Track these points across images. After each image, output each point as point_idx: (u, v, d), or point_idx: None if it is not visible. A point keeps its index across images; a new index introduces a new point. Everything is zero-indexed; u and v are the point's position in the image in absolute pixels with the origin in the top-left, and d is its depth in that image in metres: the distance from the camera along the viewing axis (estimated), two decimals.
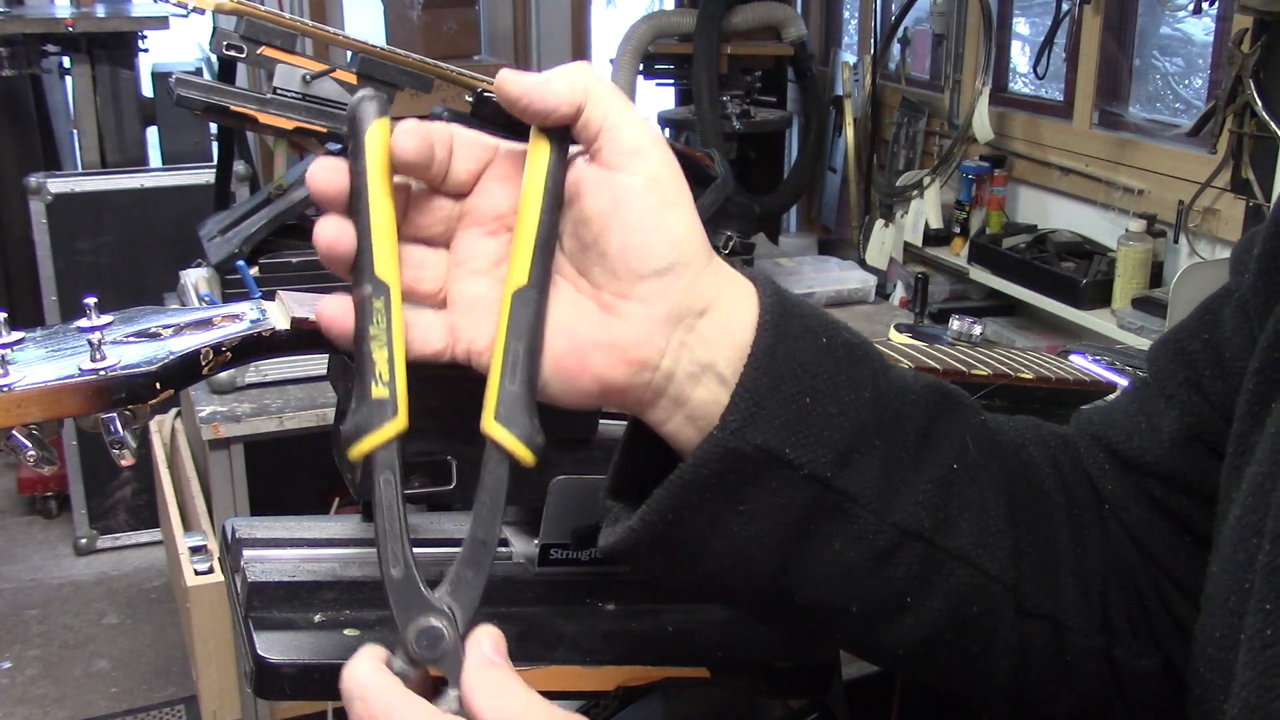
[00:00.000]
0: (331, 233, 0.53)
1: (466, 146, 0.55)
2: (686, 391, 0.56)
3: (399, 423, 0.52)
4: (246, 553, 0.73)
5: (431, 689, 0.51)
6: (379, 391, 0.52)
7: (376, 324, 0.52)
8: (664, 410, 0.56)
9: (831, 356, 0.57)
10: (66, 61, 3.47)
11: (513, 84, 0.53)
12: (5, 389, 0.57)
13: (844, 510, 0.57)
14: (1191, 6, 2.72)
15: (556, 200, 0.54)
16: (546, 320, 0.54)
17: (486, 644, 0.50)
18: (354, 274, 0.53)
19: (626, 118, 0.54)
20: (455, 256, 0.56)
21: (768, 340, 0.56)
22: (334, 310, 0.53)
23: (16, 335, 0.62)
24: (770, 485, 0.55)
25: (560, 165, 0.54)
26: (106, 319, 0.64)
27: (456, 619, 0.51)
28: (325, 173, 0.53)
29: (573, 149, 0.55)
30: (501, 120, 0.57)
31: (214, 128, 2.93)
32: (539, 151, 0.54)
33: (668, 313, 0.54)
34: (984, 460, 0.62)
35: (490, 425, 0.52)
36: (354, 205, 0.53)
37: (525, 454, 0.52)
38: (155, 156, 3.64)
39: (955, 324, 1.20)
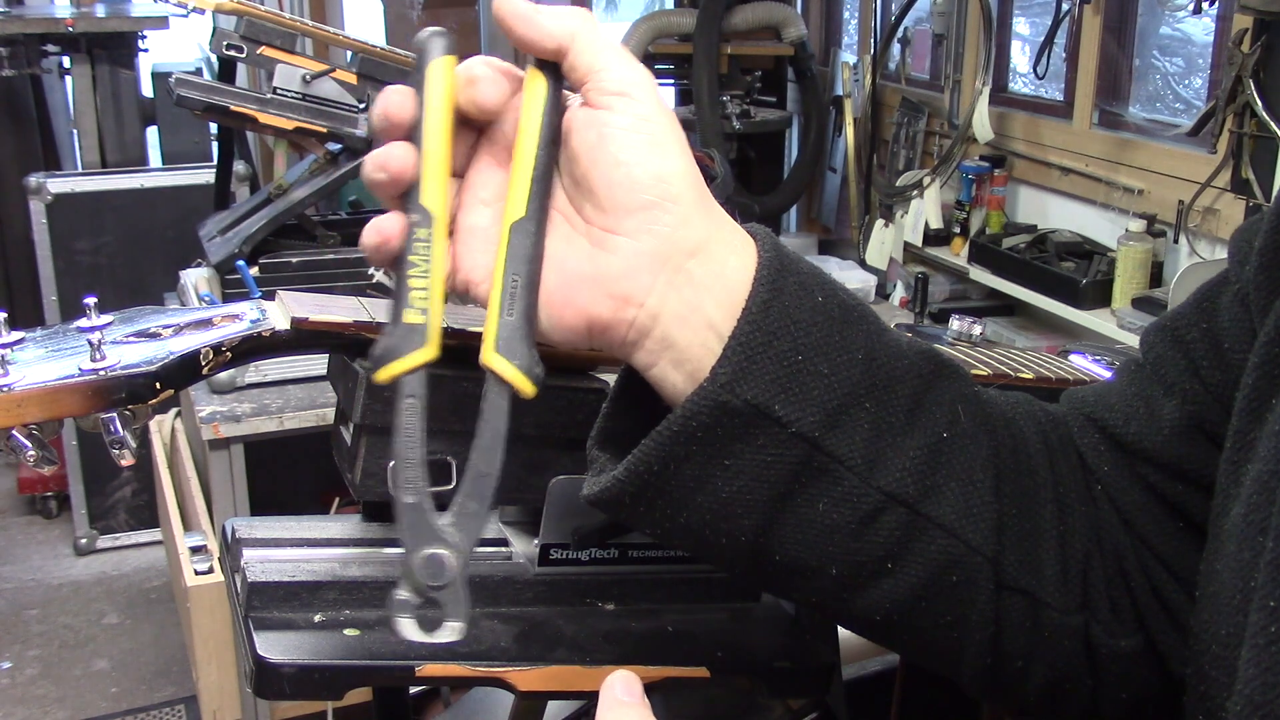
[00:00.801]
0: (398, 158, 0.54)
1: (496, 78, 0.56)
2: (673, 333, 0.56)
3: (430, 350, 0.52)
4: (246, 553, 0.73)
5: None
6: (413, 317, 0.52)
7: (418, 252, 0.53)
8: (650, 353, 0.56)
9: (826, 316, 0.57)
10: (66, 61, 3.47)
11: (508, 6, 0.54)
12: (5, 389, 0.57)
13: (830, 471, 0.57)
14: (1191, 6, 2.71)
15: (554, 134, 0.55)
16: (544, 252, 0.55)
17: (619, 687, 0.50)
18: (403, 200, 0.54)
19: (613, 61, 0.55)
20: (468, 185, 0.57)
21: (763, 294, 0.56)
22: (388, 227, 0.54)
23: (16, 335, 0.62)
24: (757, 442, 0.55)
25: (556, 100, 0.55)
26: (106, 319, 0.64)
27: (461, 548, 0.51)
28: (397, 98, 0.55)
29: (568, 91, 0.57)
30: None
31: (214, 128, 2.93)
32: (535, 85, 0.55)
33: (654, 249, 0.55)
34: (974, 431, 0.62)
35: (489, 356, 0.52)
36: (410, 136, 0.54)
37: (525, 384, 0.53)
38: (155, 156, 3.65)
39: (955, 324, 1.20)
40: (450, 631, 0.51)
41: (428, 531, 0.51)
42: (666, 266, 0.55)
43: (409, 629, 0.51)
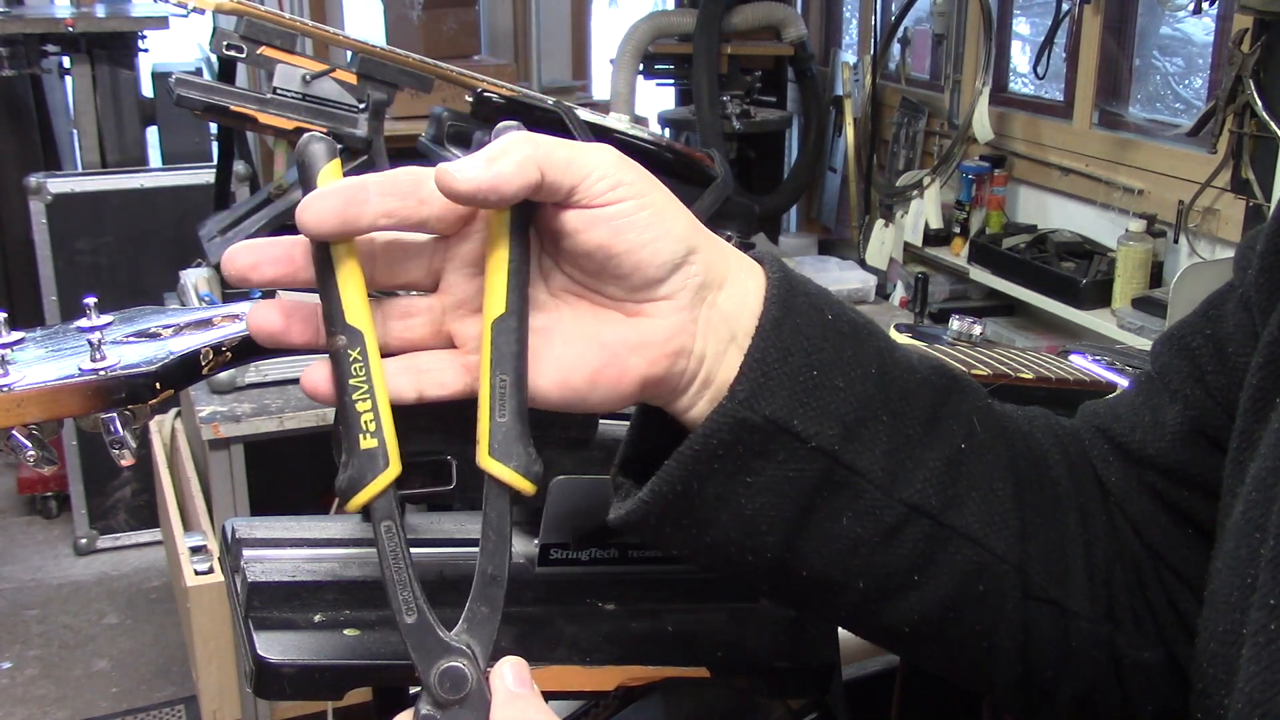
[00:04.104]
0: (263, 317, 0.53)
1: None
2: (714, 370, 0.56)
3: (392, 471, 0.51)
4: (246, 553, 0.73)
5: None
6: (368, 443, 0.51)
7: (356, 374, 0.51)
8: (694, 395, 0.57)
9: (837, 332, 0.58)
10: (66, 61, 3.47)
11: (462, 182, 0.50)
12: (5, 389, 0.57)
13: (851, 485, 0.57)
14: (1191, 6, 2.72)
15: (524, 225, 0.53)
16: (529, 345, 0.53)
17: (510, 676, 0.51)
18: (326, 326, 0.52)
19: (589, 162, 0.52)
20: (451, 298, 0.55)
21: (775, 313, 0.56)
22: (316, 377, 0.52)
23: (16, 335, 0.62)
24: (778, 457, 0.56)
25: None
26: (106, 319, 0.64)
27: (476, 656, 0.51)
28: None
29: None
30: (501, 120, 0.56)
31: (214, 128, 2.93)
32: None
33: (692, 299, 0.55)
34: (991, 442, 0.62)
35: (486, 461, 0.52)
36: (316, 257, 0.52)
37: (525, 485, 0.52)
38: (155, 156, 3.65)
39: (955, 324, 1.20)
40: None
41: (438, 646, 0.51)
42: (703, 305, 0.55)
43: None
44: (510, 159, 0.50)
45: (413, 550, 0.51)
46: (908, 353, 0.61)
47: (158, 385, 0.61)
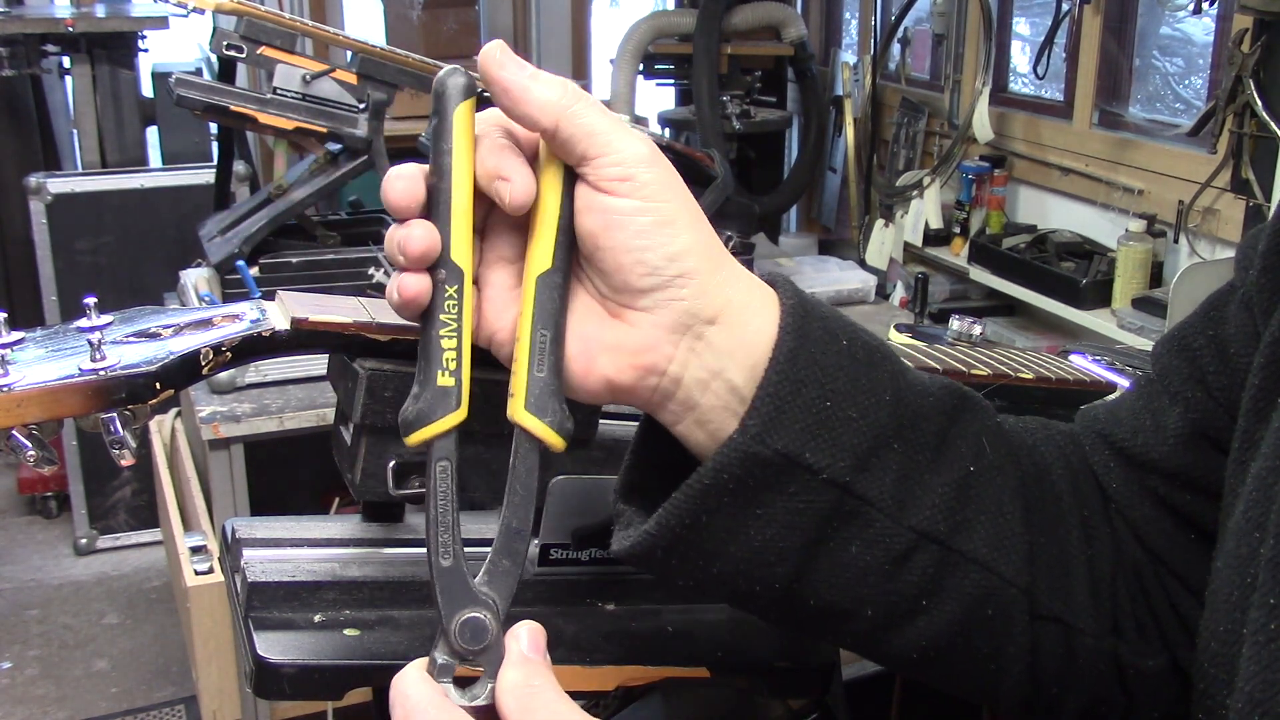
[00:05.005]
0: (419, 239, 0.51)
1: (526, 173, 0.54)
2: (695, 397, 0.56)
3: (461, 413, 0.51)
4: (246, 553, 0.73)
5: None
6: (445, 380, 0.51)
7: (448, 311, 0.52)
8: (674, 413, 0.57)
9: (852, 360, 0.57)
10: (66, 61, 3.47)
11: (499, 76, 0.52)
12: (5, 389, 0.57)
13: (861, 514, 0.57)
14: (1191, 6, 2.71)
15: (573, 185, 0.54)
16: (569, 306, 0.54)
17: (525, 639, 0.51)
18: None
19: (613, 143, 0.52)
20: (488, 244, 0.56)
21: (790, 344, 0.55)
22: (416, 287, 0.52)
23: (16, 335, 0.62)
24: (789, 489, 0.55)
25: None
26: (106, 319, 0.64)
27: (498, 609, 0.51)
28: (403, 183, 0.52)
29: None
30: None
31: (214, 128, 2.93)
32: None
33: (675, 321, 0.54)
34: (999, 463, 0.62)
35: (520, 414, 0.52)
36: (435, 185, 0.52)
37: (557, 440, 0.52)
38: (155, 156, 3.64)
39: (955, 324, 1.20)
40: (491, 693, 0.50)
41: (465, 595, 0.51)
42: (688, 334, 0.55)
43: (451, 692, 0.50)
44: (543, 88, 0.52)
45: (412, 551, 0.51)
46: (918, 374, 0.61)
47: (158, 385, 0.61)
